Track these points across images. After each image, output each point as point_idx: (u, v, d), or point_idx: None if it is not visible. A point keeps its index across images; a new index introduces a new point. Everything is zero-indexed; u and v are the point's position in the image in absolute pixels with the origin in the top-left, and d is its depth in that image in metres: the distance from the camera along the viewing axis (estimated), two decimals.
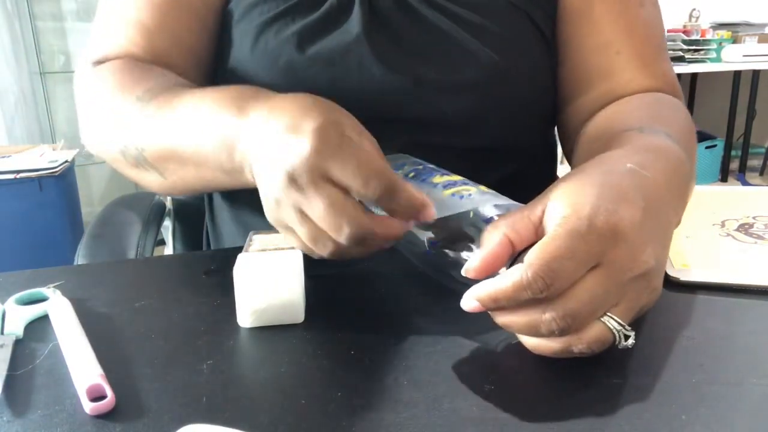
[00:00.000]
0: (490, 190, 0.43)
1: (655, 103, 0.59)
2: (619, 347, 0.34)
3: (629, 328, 0.34)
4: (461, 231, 0.41)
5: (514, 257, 0.36)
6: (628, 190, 0.36)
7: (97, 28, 0.65)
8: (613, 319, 0.34)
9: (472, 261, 0.36)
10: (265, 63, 0.59)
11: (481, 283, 0.34)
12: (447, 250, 0.41)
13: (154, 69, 0.60)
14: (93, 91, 0.60)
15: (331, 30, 0.58)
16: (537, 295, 0.32)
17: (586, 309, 0.33)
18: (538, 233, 0.36)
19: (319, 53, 0.57)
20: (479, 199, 0.42)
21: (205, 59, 0.64)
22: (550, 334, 0.33)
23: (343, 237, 0.38)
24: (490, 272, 0.35)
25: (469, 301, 0.35)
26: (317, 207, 0.38)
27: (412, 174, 0.49)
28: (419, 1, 0.61)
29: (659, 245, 0.36)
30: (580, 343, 0.34)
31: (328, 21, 0.58)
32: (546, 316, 0.33)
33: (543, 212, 0.36)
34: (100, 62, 0.62)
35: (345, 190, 0.38)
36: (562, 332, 0.33)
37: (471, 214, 0.41)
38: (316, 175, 0.37)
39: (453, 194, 0.43)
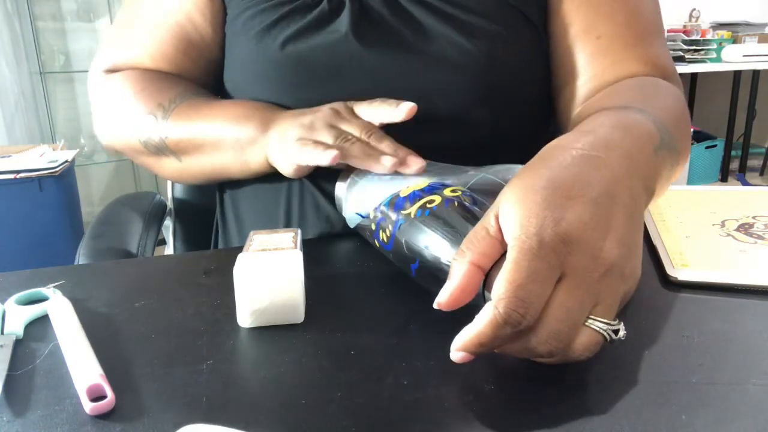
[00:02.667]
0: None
1: (638, 86, 0.59)
2: (613, 344, 0.34)
3: (615, 322, 0.34)
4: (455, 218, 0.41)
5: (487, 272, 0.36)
6: (573, 185, 0.35)
7: (111, 37, 0.75)
8: (596, 320, 0.33)
9: (441, 295, 0.35)
10: (267, 63, 0.63)
11: (460, 333, 0.34)
12: (436, 268, 0.41)
13: (176, 77, 0.70)
14: (114, 93, 0.69)
15: (323, 29, 0.62)
16: (517, 327, 0.32)
17: (566, 325, 0.32)
18: (503, 245, 0.35)
19: (313, 51, 0.61)
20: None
21: (203, 81, 0.72)
22: (546, 356, 0.33)
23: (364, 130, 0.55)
24: (461, 304, 0.35)
25: (457, 354, 0.34)
26: (347, 118, 0.57)
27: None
28: (409, 1, 0.63)
29: (622, 230, 0.35)
30: (573, 352, 0.33)
31: (321, 22, 0.62)
32: (533, 343, 0.33)
33: (497, 222, 0.35)
34: (110, 71, 0.73)
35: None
36: (551, 354, 0.33)
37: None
38: (344, 106, 0.58)
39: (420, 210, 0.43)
